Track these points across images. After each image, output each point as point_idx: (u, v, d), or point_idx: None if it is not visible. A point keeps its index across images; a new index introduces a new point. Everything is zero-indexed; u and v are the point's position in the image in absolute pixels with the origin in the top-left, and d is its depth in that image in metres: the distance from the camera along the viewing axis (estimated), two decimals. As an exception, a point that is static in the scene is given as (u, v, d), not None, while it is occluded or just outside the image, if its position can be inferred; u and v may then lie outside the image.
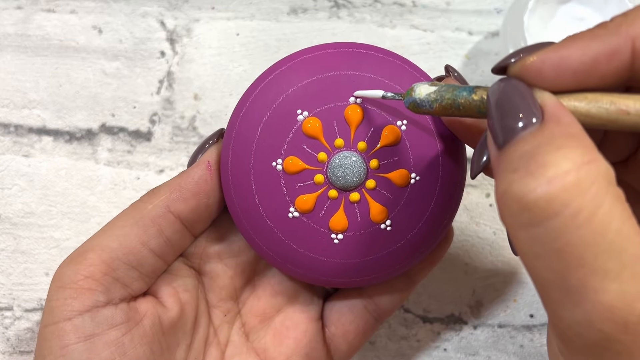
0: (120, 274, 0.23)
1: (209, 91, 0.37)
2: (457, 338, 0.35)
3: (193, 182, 0.25)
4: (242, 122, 0.24)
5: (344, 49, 0.25)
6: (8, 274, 0.35)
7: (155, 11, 0.38)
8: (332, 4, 0.38)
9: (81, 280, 0.22)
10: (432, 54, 0.38)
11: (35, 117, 0.36)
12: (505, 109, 0.17)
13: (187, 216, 0.25)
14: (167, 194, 0.24)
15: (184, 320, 0.25)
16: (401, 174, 0.24)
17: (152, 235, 0.24)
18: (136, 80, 0.37)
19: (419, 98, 0.20)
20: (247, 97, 0.25)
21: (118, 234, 0.24)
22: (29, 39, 0.37)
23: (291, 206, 0.24)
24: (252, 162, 0.24)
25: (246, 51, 0.38)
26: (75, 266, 0.23)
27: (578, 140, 0.15)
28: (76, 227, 0.35)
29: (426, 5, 0.39)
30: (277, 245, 0.25)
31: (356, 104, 0.24)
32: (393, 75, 0.24)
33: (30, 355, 0.34)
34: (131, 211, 0.25)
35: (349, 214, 0.24)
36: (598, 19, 0.34)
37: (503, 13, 0.39)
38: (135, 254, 0.24)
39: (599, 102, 0.17)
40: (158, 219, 0.24)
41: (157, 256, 0.24)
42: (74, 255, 0.24)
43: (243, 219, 0.25)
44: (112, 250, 0.23)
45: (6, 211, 0.35)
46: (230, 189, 0.25)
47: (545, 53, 0.17)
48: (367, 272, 0.25)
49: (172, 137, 0.36)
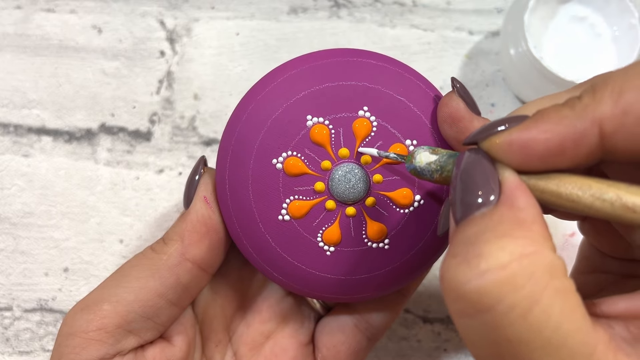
0: (134, 325, 0.23)
1: (209, 91, 0.37)
2: (457, 338, 0.35)
3: (199, 223, 0.24)
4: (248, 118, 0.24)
5: (360, 58, 0.24)
6: (7, 274, 0.35)
7: (155, 11, 0.38)
8: (332, 3, 0.38)
9: (92, 331, 0.22)
10: (433, 54, 0.38)
11: (35, 117, 0.36)
12: (467, 184, 0.17)
13: (203, 258, 0.24)
14: (180, 241, 0.24)
15: (190, 358, 0.25)
16: (405, 193, 0.23)
17: (170, 286, 0.24)
18: (136, 80, 0.37)
19: (419, 167, 0.20)
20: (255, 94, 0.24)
21: (134, 286, 0.23)
22: (28, 38, 0.37)
23: (283, 208, 0.23)
24: (252, 159, 0.23)
25: (246, 51, 0.38)
26: (89, 315, 0.23)
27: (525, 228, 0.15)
28: (76, 227, 0.35)
29: (426, 5, 0.38)
30: (265, 250, 0.24)
31: (365, 117, 0.23)
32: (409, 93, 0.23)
33: (30, 356, 0.34)
34: (146, 262, 0.24)
35: (343, 228, 0.23)
36: (598, 19, 0.34)
37: (503, 12, 0.39)
38: (152, 306, 0.23)
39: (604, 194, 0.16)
40: (175, 269, 0.24)
41: (174, 305, 0.24)
42: (88, 303, 0.23)
43: (234, 218, 0.24)
44: (128, 303, 0.23)
45: (5, 211, 0.35)
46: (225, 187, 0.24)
47: (511, 135, 0.17)
48: (360, 289, 0.24)
49: (171, 137, 0.36)
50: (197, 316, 0.27)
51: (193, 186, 0.25)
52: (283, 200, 0.23)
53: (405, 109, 0.23)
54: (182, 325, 0.25)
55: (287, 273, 0.24)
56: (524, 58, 0.33)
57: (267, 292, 0.28)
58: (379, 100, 0.23)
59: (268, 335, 0.28)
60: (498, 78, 0.38)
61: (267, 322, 0.28)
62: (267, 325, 0.28)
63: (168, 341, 0.25)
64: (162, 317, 0.24)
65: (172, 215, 0.35)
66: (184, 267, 0.24)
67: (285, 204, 0.23)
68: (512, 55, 0.34)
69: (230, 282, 0.28)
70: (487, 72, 0.38)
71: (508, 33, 0.34)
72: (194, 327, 0.26)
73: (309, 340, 0.28)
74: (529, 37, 0.33)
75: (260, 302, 0.28)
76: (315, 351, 0.28)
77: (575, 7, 0.35)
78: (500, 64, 0.37)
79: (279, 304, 0.28)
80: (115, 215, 0.35)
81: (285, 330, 0.28)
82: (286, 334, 0.27)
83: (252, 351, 0.27)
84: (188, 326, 0.26)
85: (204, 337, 0.27)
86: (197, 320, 0.27)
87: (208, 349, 0.27)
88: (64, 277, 0.35)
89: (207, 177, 0.25)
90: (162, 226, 0.35)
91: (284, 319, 0.28)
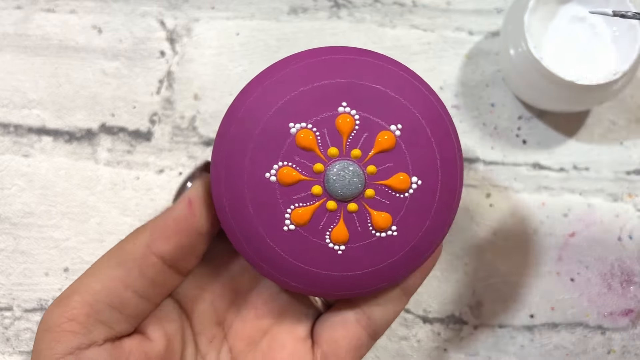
0: (103, 316, 0.23)
1: (209, 91, 0.37)
2: (457, 338, 0.35)
3: (173, 221, 0.24)
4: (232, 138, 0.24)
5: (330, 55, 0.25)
6: (8, 274, 0.35)
7: (155, 11, 0.38)
8: (332, 3, 0.38)
9: (64, 323, 0.22)
10: (432, 54, 0.38)
11: (35, 117, 0.36)
12: None
13: (170, 255, 0.24)
14: (148, 233, 0.24)
15: (171, 352, 0.25)
16: (401, 178, 0.24)
17: (135, 277, 0.23)
18: (136, 80, 0.37)
19: None
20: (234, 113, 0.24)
21: (101, 275, 0.23)
22: (28, 38, 0.37)
23: (287, 219, 0.23)
24: (245, 178, 0.23)
25: (246, 51, 0.38)
26: (60, 309, 0.23)
27: None
28: (76, 227, 0.35)
29: (426, 5, 0.39)
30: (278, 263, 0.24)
31: (346, 113, 0.24)
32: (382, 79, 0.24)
33: (30, 355, 0.34)
34: (115, 251, 0.24)
35: (349, 225, 0.24)
36: (598, 19, 0.34)
37: (503, 13, 0.39)
38: (117, 296, 0.23)
39: None
40: (139, 260, 0.24)
41: (142, 297, 0.24)
42: (60, 297, 0.23)
43: (242, 239, 0.24)
44: (95, 292, 0.23)
45: (6, 211, 0.35)
46: (225, 211, 0.24)
47: None
48: (376, 280, 0.25)
49: (172, 137, 0.36)
50: (185, 312, 0.27)
51: (184, 186, 0.25)
52: (284, 211, 0.23)
53: (382, 96, 0.24)
54: (158, 319, 0.25)
55: (305, 281, 0.24)
56: (524, 58, 0.33)
57: (261, 287, 0.28)
58: (356, 93, 0.24)
59: (265, 331, 0.28)
60: (498, 78, 0.38)
61: (263, 317, 0.28)
62: (264, 321, 0.28)
63: (144, 335, 0.25)
64: (131, 309, 0.24)
65: (172, 215, 0.35)
66: (149, 260, 0.24)
67: (287, 214, 0.23)
68: (512, 56, 0.34)
69: (219, 278, 0.28)
70: (487, 72, 0.38)
71: (508, 33, 0.34)
72: (176, 322, 0.26)
73: (307, 335, 0.28)
74: (529, 37, 0.33)
75: (254, 298, 0.28)
76: (315, 347, 0.27)
77: (575, 7, 0.35)
78: (500, 64, 0.37)
79: (274, 299, 0.28)
80: (115, 215, 0.35)
81: (283, 326, 0.27)
82: (283, 330, 0.27)
83: (249, 347, 0.27)
84: (166, 321, 0.25)
85: (195, 333, 0.27)
86: (182, 316, 0.27)
87: (202, 344, 0.27)
88: (64, 277, 0.35)
89: (198, 182, 0.25)
90: (162, 226, 0.35)
91: (281, 315, 0.28)
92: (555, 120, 0.37)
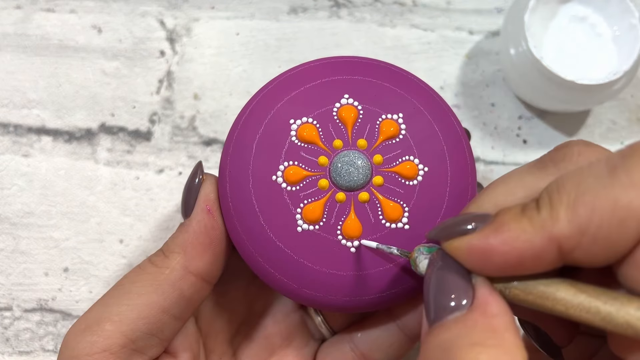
0: (139, 344, 0.22)
1: (209, 91, 0.37)
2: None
3: (202, 235, 0.23)
4: (235, 144, 0.24)
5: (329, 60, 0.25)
6: (7, 274, 0.35)
7: (155, 10, 0.38)
8: (332, 3, 0.38)
9: (97, 353, 0.22)
10: (433, 54, 0.38)
11: (35, 117, 0.36)
12: (440, 285, 0.17)
13: (206, 270, 0.24)
14: (182, 254, 0.23)
15: None
16: (408, 166, 0.23)
17: (174, 301, 0.23)
18: (136, 79, 0.37)
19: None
20: (238, 120, 0.24)
21: (137, 302, 0.22)
22: (28, 38, 0.37)
23: (299, 219, 0.23)
24: (250, 181, 0.23)
25: (246, 51, 0.37)
26: (92, 337, 0.22)
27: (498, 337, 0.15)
28: (75, 227, 0.35)
29: (426, 5, 0.38)
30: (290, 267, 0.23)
31: (349, 104, 0.24)
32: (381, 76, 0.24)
33: (30, 356, 0.34)
34: (147, 277, 0.23)
35: (361, 216, 0.23)
36: (598, 19, 0.34)
37: (504, 12, 0.39)
38: (156, 323, 0.23)
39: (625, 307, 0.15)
40: (178, 283, 0.23)
41: (177, 319, 0.23)
42: (89, 322, 0.22)
43: (250, 245, 0.23)
44: (131, 321, 0.22)
45: (5, 211, 0.35)
46: (232, 217, 0.23)
47: (471, 240, 0.17)
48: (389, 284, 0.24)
49: (171, 137, 0.36)
50: (200, 329, 0.26)
51: (192, 194, 0.24)
52: (295, 209, 0.23)
53: (380, 88, 0.24)
54: (187, 340, 0.25)
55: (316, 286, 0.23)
56: (524, 58, 0.33)
57: (273, 308, 0.28)
58: (357, 87, 0.24)
59: (272, 351, 0.27)
60: (498, 78, 0.38)
61: (272, 337, 0.27)
62: (272, 341, 0.27)
63: (174, 357, 0.24)
64: (166, 332, 0.23)
65: (172, 215, 0.35)
66: (188, 281, 0.23)
67: (298, 214, 0.23)
68: (512, 55, 0.34)
69: (237, 296, 0.27)
70: (487, 72, 0.38)
71: (508, 33, 0.34)
72: (198, 341, 0.25)
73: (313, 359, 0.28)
74: (529, 37, 0.33)
75: (265, 318, 0.28)
76: None
77: (576, 7, 0.35)
78: (500, 64, 0.37)
79: (284, 320, 0.28)
80: (115, 215, 0.35)
81: (290, 348, 0.27)
82: (290, 352, 0.27)
83: None
84: (193, 341, 0.25)
85: (207, 350, 0.26)
86: (200, 334, 0.26)
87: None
88: (64, 277, 0.35)
89: (208, 184, 0.24)
90: (162, 226, 0.35)
91: (289, 337, 0.27)
92: (556, 120, 0.37)
